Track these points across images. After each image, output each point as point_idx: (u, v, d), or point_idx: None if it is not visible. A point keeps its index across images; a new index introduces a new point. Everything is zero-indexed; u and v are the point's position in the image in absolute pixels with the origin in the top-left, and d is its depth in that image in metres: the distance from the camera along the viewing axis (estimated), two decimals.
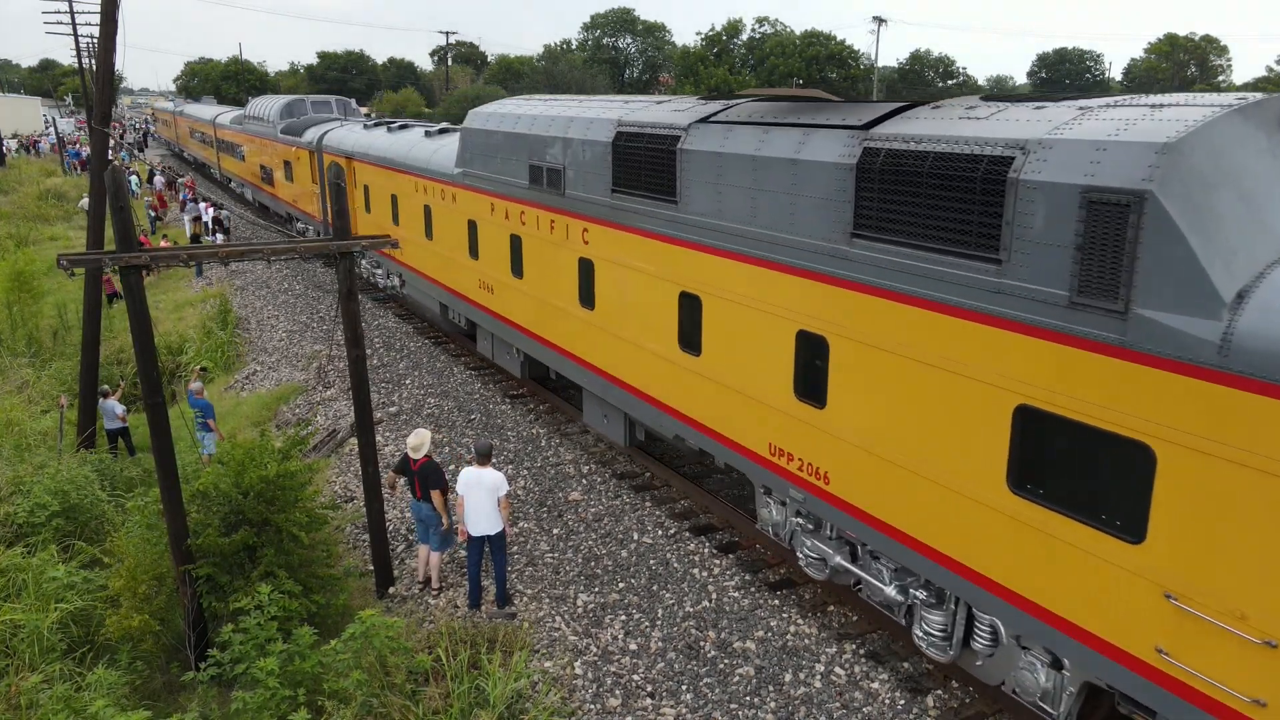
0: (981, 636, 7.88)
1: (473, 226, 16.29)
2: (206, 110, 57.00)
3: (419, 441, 10.41)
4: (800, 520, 9.76)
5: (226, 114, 47.20)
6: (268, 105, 35.33)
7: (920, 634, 8.48)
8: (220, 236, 31.71)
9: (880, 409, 8.14)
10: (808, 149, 8.64)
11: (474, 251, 16.42)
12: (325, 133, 26.42)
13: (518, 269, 14.75)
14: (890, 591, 8.66)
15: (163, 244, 29.24)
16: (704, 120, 10.36)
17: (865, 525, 8.58)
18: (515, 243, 14.66)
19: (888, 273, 7.87)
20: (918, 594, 8.45)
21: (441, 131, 19.81)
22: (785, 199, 8.92)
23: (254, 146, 36.94)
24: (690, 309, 10.62)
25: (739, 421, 10.09)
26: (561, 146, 12.84)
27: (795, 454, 9.28)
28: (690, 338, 10.68)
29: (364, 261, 24.71)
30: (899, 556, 8.28)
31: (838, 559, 9.32)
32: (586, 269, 12.70)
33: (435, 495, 10.29)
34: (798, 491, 9.37)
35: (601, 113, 12.33)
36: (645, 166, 11.06)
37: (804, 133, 8.80)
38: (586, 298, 12.84)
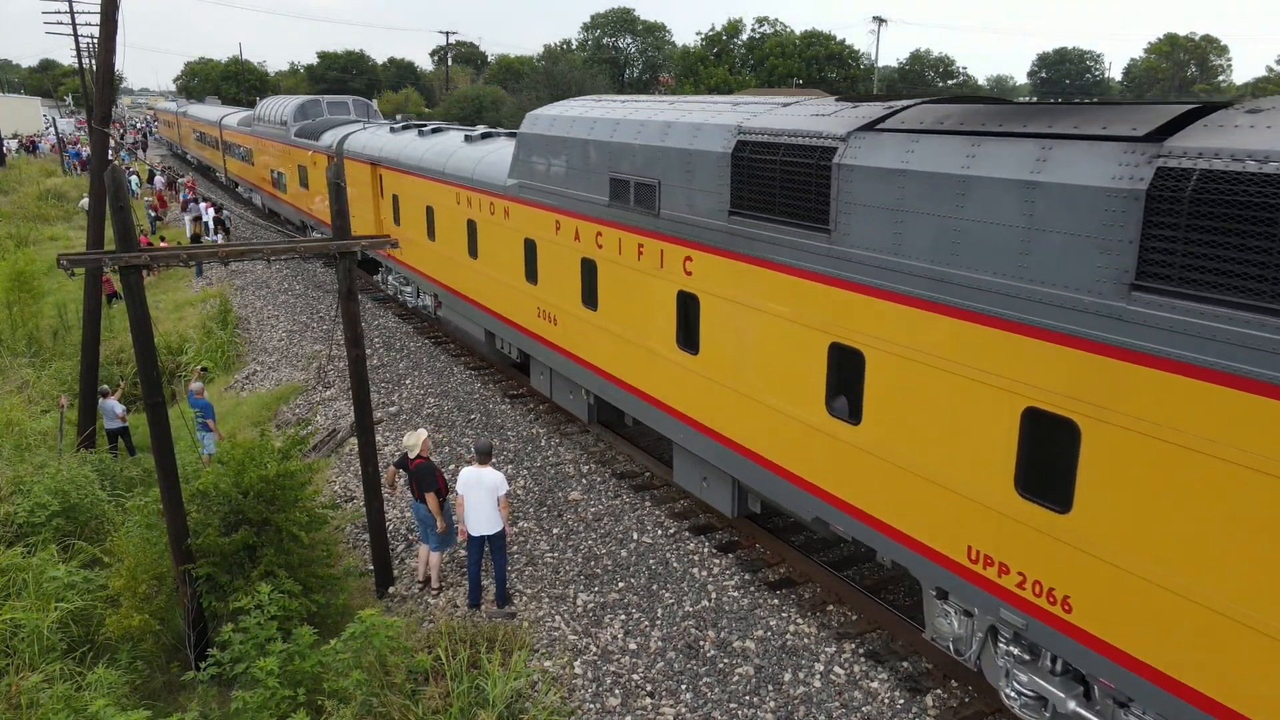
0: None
1: (531, 247, 14.06)
2: (211, 111, 54.80)
3: (414, 441, 10.43)
4: (1015, 651, 7.60)
5: (233, 115, 45.15)
6: (280, 106, 32.64)
7: None
8: (221, 236, 31.70)
9: (1164, 519, 6.08)
10: (1053, 167, 6.62)
11: (532, 275, 14.17)
12: (347, 136, 24.40)
13: (590, 299, 12.61)
14: None
15: (161, 245, 29.27)
16: (869, 128, 8.34)
17: (1124, 670, 6.52)
18: (588, 268, 12.54)
19: (1193, 341, 5.80)
20: None
21: (484, 136, 17.86)
22: (1014, 235, 6.84)
23: (264, 150, 34.70)
24: (845, 365, 8.49)
25: (921, 514, 7.94)
26: (655, 157, 10.72)
27: (1014, 567, 7.19)
28: (844, 401, 8.64)
29: (391, 278, 23.06)
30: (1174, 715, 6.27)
31: (1072, 704, 7.23)
32: (688, 305, 10.58)
33: (430, 498, 10.29)
34: (1016, 615, 7.24)
35: (711, 117, 10.22)
36: (782, 185, 9.00)
37: (1042, 145, 6.81)
38: (687, 339, 10.65)
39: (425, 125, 22.05)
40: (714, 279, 10.06)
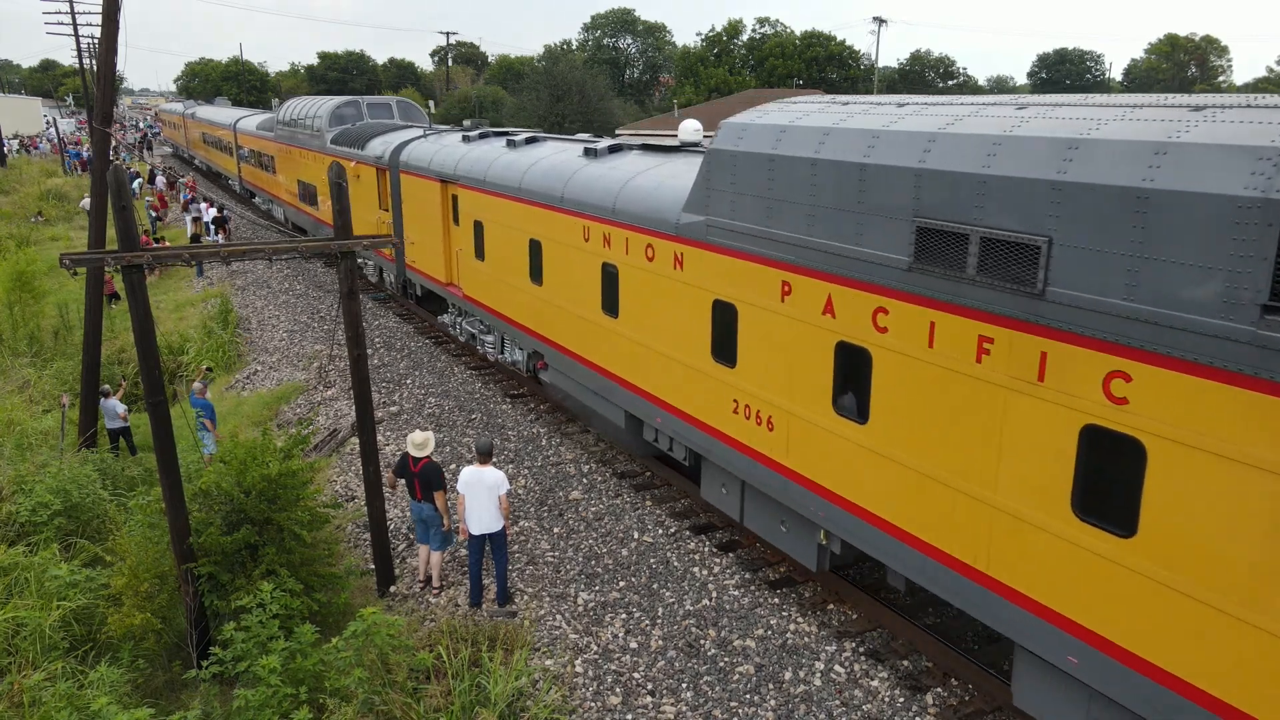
0: None
1: (726, 313, 10.03)
2: (224, 113, 50.88)
3: (424, 439, 10.44)
4: None
5: (251, 118, 41.59)
6: (311, 108, 28.67)
7: None
8: (222, 237, 31.70)
9: None
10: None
11: (726, 352, 10.11)
12: (404, 146, 20.56)
13: (853, 403, 8.53)
14: None
15: (162, 245, 29.28)
16: None
17: None
18: (851, 359, 8.44)
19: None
20: None
21: (612, 150, 13.90)
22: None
23: (290, 158, 30.64)
24: None
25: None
26: (1036, 199, 6.60)
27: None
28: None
29: (464, 322, 18.99)
30: None
31: None
32: (1115, 457, 6.33)
33: (438, 496, 10.33)
34: None
35: (1184, 132, 6.04)
36: None
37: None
38: (1123, 518, 6.32)
39: (514, 133, 18.18)
40: (1199, 426, 5.80)
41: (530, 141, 16.52)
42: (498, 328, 16.70)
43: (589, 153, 13.82)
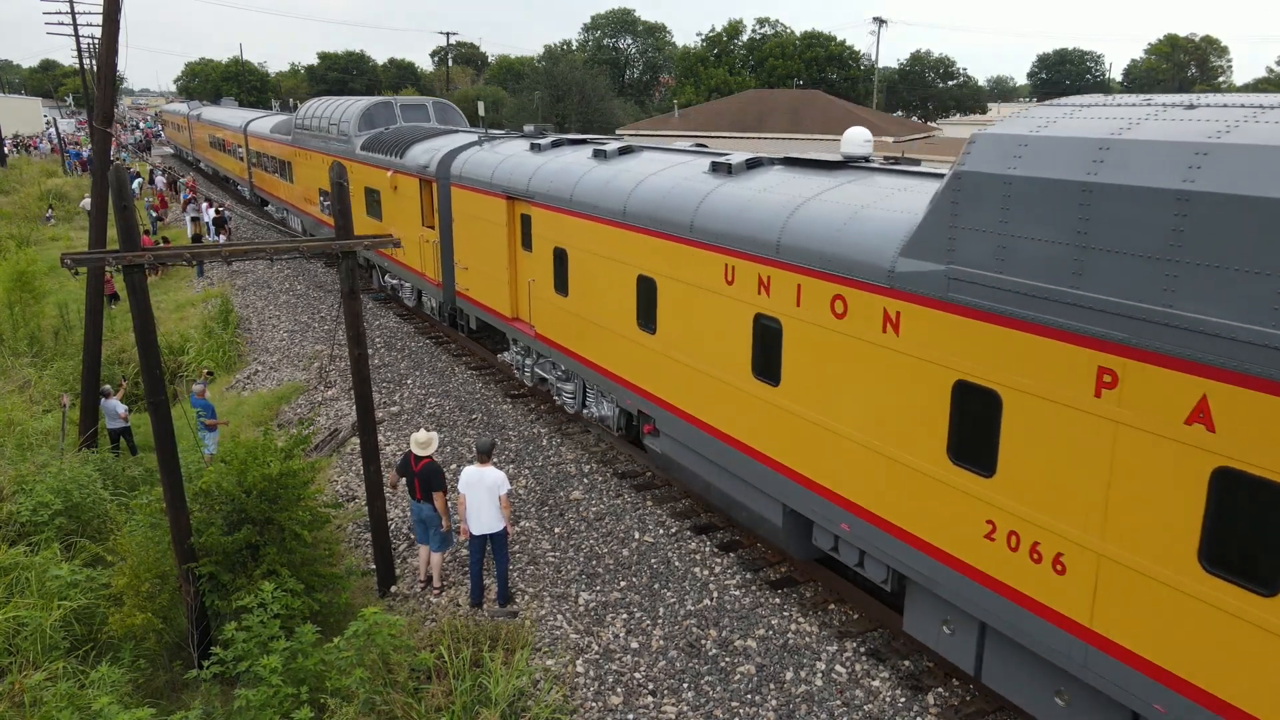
0: None
1: (981, 402, 7.31)
2: (233, 114, 47.56)
3: (427, 438, 10.44)
4: None
5: (263, 119, 38.50)
6: (337, 110, 25.62)
7: None
8: (223, 237, 31.67)
9: None
10: None
11: (976, 455, 7.42)
12: (454, 154, 17.87)
13: (1247, 561, 5.73)
14: None
15: (164, 245, 29.26)
16: None
17: None
18: (1248, 498, 5.69)
19: None
20: None
21: (750, 166, 11.08)
22: None
23: (311, 164, 27.72)
24: None
25: None
26: None
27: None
28: None
29: (530, 363, 15.92)
30: None
31: None
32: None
33: (437, 497, 10.33)
34: None
35: None
36: None
37: None
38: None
39: (600, 142, 15.49)
40: None
41: (624, 152, 13.77)
42: (581, 375, 13.81)
43: (719, 169, 11.08)
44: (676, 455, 11.81)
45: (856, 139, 10.61)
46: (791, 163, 10.96)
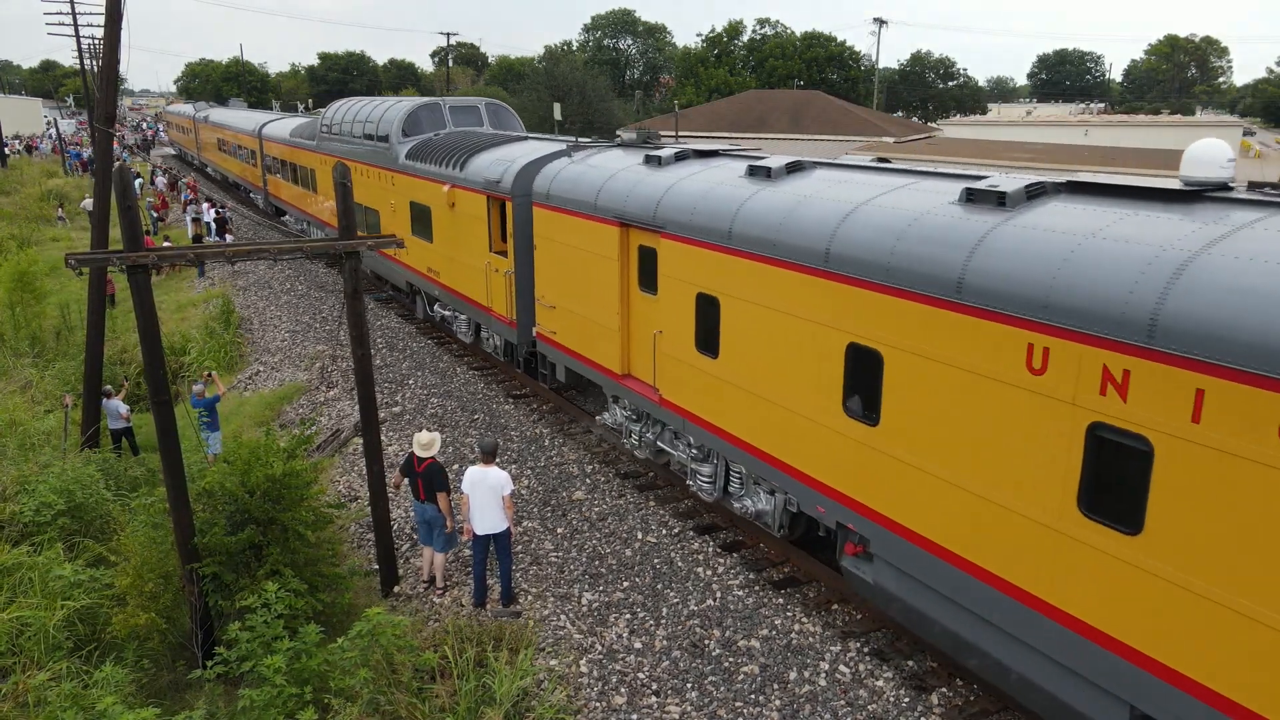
0: None
1: None
2: (245, 116, 44.13)
3: (430, 439, 10.44)
4: None
5: (281, 122, 35.68)
6: (374, 112, 22.56)
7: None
8: (230, 237, 31.64)
9: None
10: None
11: None
12: (536, 167, 14.94)
13: None
14: None
15: (166, 245, 29.25)
16: None
17: None
18: None
19: None
20: None
21: (1031, 195, 7.92)
22: None
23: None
24: None
25: None
26: None
27: None
28: None
29: (643, 429, 12.89)
30: None
31: None
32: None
33: (441, 498, 10.33)
34: None
35: None
36: None
37: None
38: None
39: (752, 155, 12.41)
40: None
41: (794, 170, 10.60)
42: (728, 456, 10.92)
43: (981, 198, 7.95)
44: (909, 595, 8.42)
45: (1208, 156, 7.30)
46: (1090, 190, 7.84)
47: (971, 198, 8.09)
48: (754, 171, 10.77)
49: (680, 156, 12.64)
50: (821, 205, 9.29)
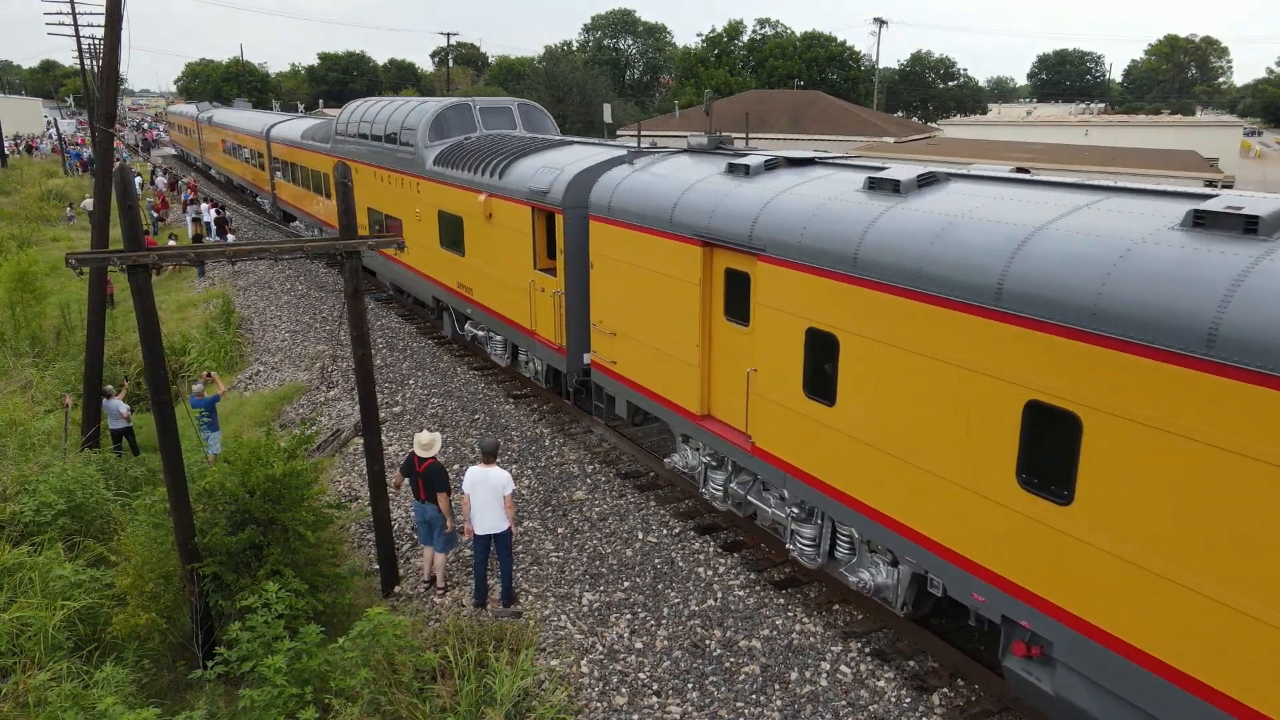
0: None
1: None
2: (252, 118, 42.32)
3: (430, 439, 10.43)
4: None
5: (290, 123, 34.16)
6: (398, 114, 20.74)
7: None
8: (231, 237, 31.62)
9: None
10: None
11: None
12: (592, 176, 13.42)
13: None
14: None
15: (170, 243, 29.25)
16: None
17: None
18: None
19: None
20: None
21: None
22: None
23: (359, 179, 22.74)
24: None
25: None
26: None
27: None
28: None
29: (729, 480, 11.22)
30: None
31: None
32: None
33: (441, 499, 10.31)
34: None
35: None
36: None
37: None
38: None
39: (873, 166, 10.46)
40: None
41: (927, 183, 8.99)
42: (838, 517, 9.33)
43: (1213, 222, 6.49)
44: (1106, 716, 6.89)
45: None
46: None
47: (1197, 224, 6.54)
48: (877, 184, 9.13)
49: (771, 165, 10.87)
50: (982, 228, 7.64)
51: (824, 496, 9.42)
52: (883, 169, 9.84)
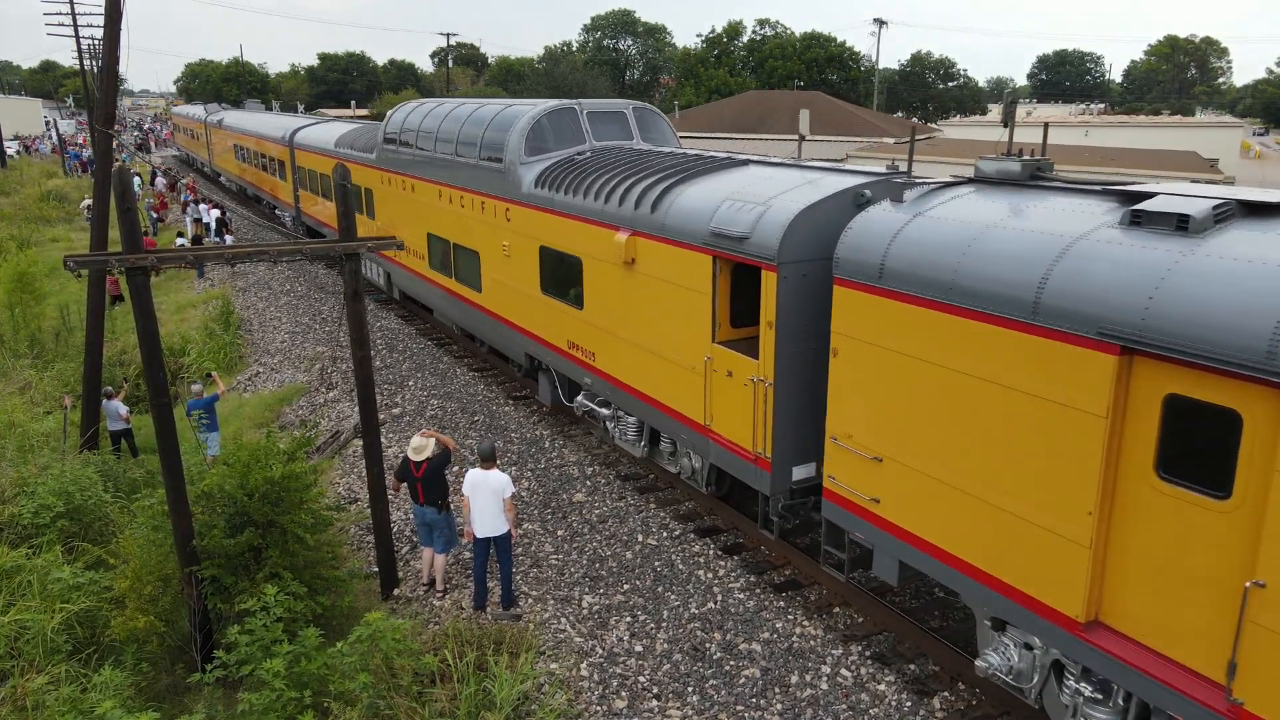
0: None
1: None
2: (271, 121, 37.54)
3: (422, 443, 10.41)
4: None
5: (317, 128, 29.98)
6: (476, 118, 16.81)
7: None
8: (230, 238, 31.57)
9: None
10: None
11: None
12: (834, 218, 9.49)
13: None
14: None
15: (178, 241, 29.21)
16: None
17: None
18: None
19: None
20: None
21: None
22: None
23: (416, 199, 19.36)
24: None
25: None
26: None
27: None
28: None
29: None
30: None
31: None
32: None
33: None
34: None
35: None
36: None
37: None
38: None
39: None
40: None
41: None
42: None
43: None
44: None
45: None
46: None
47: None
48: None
49: (1223, 215, 6.52)
50: None
51: None
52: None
